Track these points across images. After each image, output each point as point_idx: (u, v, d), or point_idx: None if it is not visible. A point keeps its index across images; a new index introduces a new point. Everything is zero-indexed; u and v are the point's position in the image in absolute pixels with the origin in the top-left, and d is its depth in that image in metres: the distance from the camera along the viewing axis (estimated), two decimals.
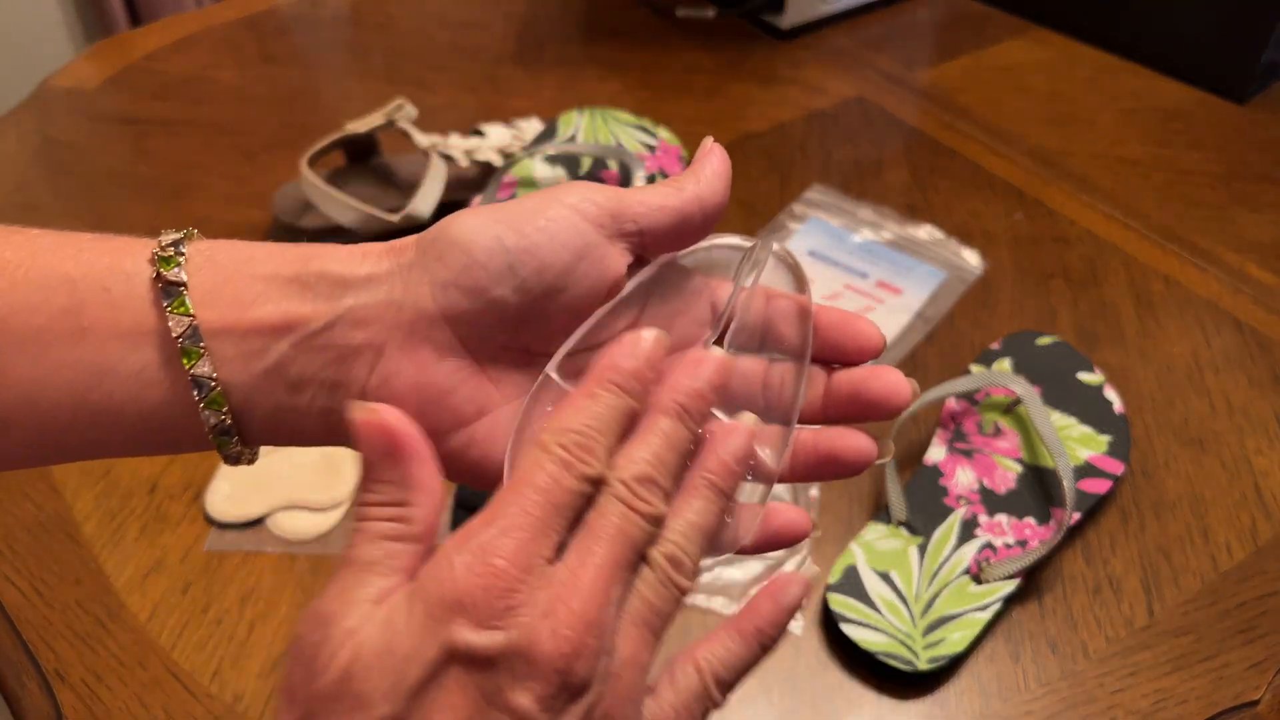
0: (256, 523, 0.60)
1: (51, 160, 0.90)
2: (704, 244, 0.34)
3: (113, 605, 0.56)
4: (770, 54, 1.06)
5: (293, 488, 0.61)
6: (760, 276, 0.34)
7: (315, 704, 0.25)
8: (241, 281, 0.31)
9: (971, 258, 0.79)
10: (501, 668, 0.25)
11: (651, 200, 0.32)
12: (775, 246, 0.35)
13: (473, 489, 0.62)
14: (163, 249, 0.31)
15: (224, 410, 0.31)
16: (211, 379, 0.30)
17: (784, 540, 0.33)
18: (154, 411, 0.31)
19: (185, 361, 0.30)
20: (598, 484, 0.28)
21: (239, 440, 0.32)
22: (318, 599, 0.27)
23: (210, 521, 0.60)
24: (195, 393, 0.30)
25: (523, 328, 0.32)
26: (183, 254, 0.31)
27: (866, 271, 0.78)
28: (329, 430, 0.32)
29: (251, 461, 0.33)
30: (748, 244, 0.35)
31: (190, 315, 0.30)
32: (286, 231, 0.79)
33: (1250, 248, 0.80)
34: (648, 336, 0.30)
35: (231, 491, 0.61)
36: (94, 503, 0.61)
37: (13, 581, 0.57)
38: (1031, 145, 0.91)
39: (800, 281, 0.35)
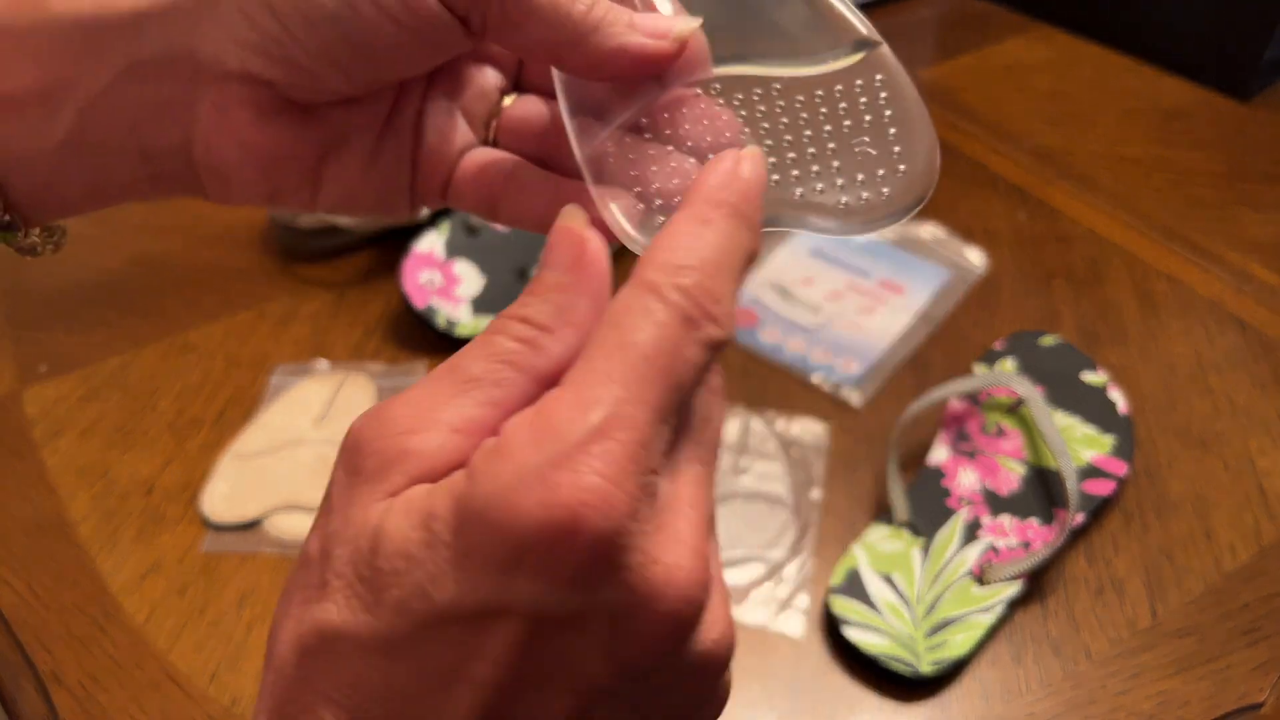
0: (254, 524, 0.60)
1: None
2: None
3: (109, 607, 0.55)
4: None
5: (290, 488, 0.61)
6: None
7: (332, 543, 0.22)
8: None
9: (974, 257, 0.78)
10: (580, 631, 0.20)
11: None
12: None
13: None
14: None
15: None
16: None
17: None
18: None
19: None
20: (718, 350, 0.22)
21: (28, 233, 0.29)
22: (390, 399, 0.22)
23: (207, 523, 0.60)
24: None
25: (354, 87, 0.28)
26: None
27: (869, 270, 0.77)
28: (154, 186, 0.29)
29: (55, 250, 0.30)
30: None
31: None
32: (283, 229, 0.79)
33: (1253, 247, 0.79)
34: (756, 154, 0.25)
35: (229, 492, 0.61)
36: (90, 504, 0.61)
37: (9, 583, 0.56)
38: (1034, 144, 0.91)
39: None
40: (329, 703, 0.21)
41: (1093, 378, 0.65)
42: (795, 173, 0.28)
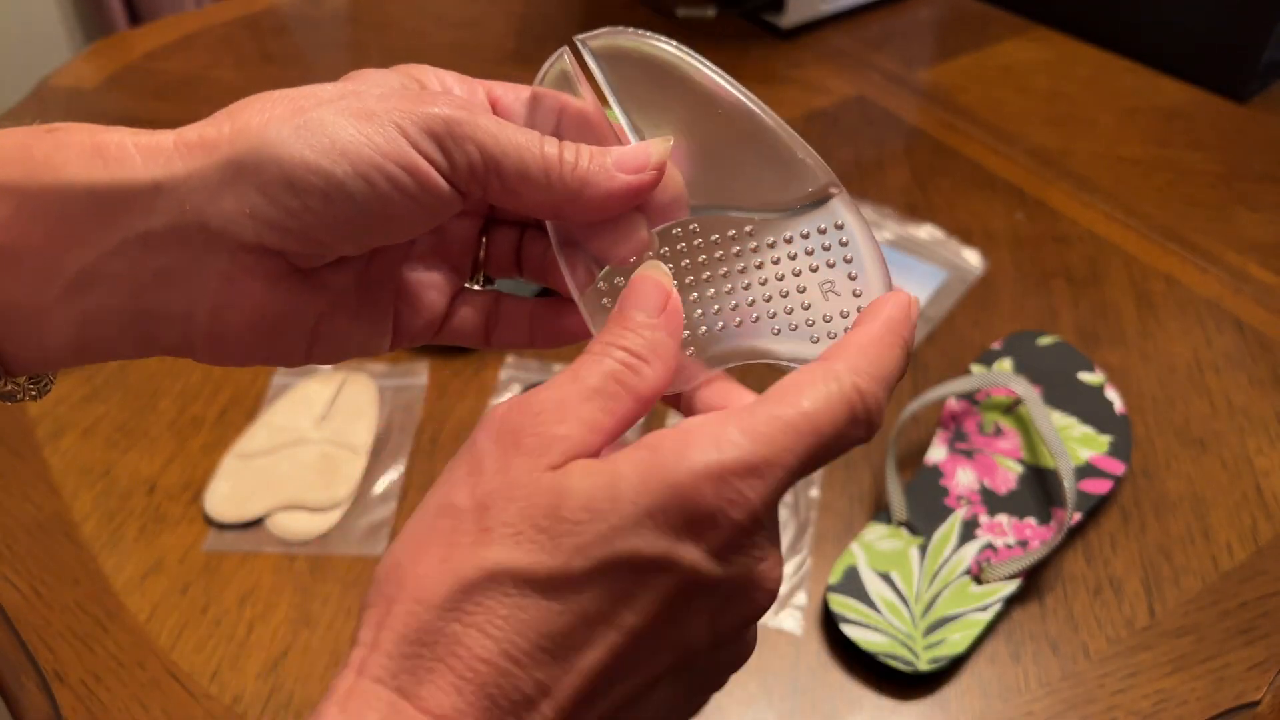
0: (256, 523, 0.60)
1: None
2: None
3: (111, 606, 0.56)
4: (770, 53, 1.05)
5: (292, 488, 0.61)
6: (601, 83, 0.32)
7: (493, 500, 0.24)
8: None
9: (972, 257, 0.78)
10: (709, 597, 0.25)
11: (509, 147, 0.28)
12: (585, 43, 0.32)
13: None
14: None
15: None
16: None
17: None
18: None
19: None
20: (855, 444, 0.27)
21: (9, 381, 0.29)
22: (530, 394, 0.26)
23: (209, 522, 0.60)
24: None
25: (367, 255, 0.31)
26: None
27: None
28: (142, 347, 0.29)
29: (37, 397, 0.30)
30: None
31: None
32: None
33: (1251, 247, 0.79)
34: (916, 301, 0.29)
35: (231, 492, 0.61)
36: (93, 503, 0.61)
37: (12, 582, 0.56)
38: (1032, 145, 0.91)
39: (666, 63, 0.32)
40: (477, 631, 0.23)
41: (1090, 377, 0.65)
42: (770, 310, 0.31)
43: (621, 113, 0.31)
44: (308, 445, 0.64)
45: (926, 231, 0.81)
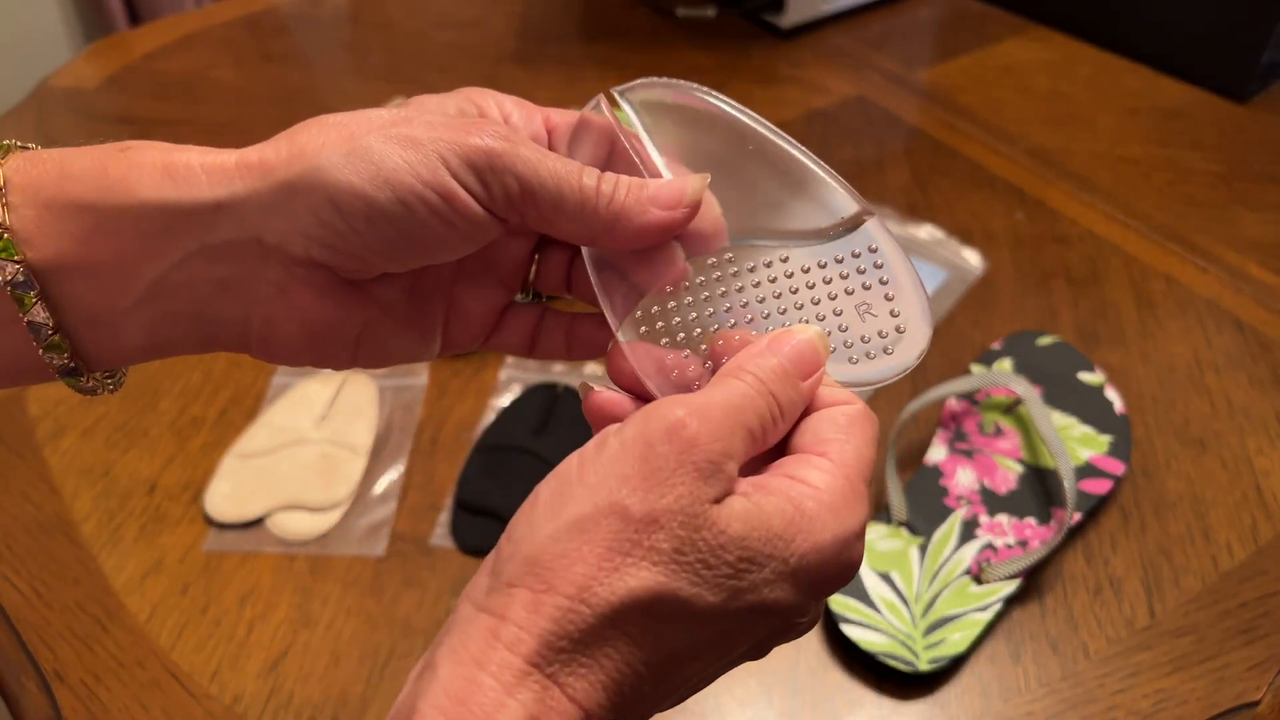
0: (256, 523, 0.60)
1: None
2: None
3: (112, 606, 0.56)
4: (770, 53, 1.05)
5: (292, 488, 0.61)
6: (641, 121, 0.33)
7: (665, 518, 0.25)
8: (68, 215, 0.28)
9: (972, 257, 0.78)
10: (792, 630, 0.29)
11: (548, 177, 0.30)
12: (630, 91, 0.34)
13: (473, 496, 0.61)
14: None
15: (65, 353, 0.30)
16: (48, 325, 0.29)
17: None
18: (4, 352, 0.30)
19: (19, 308, 0.29)
20: None
21: (90, 377, 0.31)
22: (704, 413, 0.27)
23: (209, 522, 0.60)
24: (34, 338, 0.29)
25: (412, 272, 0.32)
26: None
27: None
28: (205, 346, 0.32)
29: (114, 390, 0.33)
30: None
31: (16, 260, 0.28)
32: None
33: (1251, 247, 0.79)
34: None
35: (231, 492, 0.61)
36: (93, 503, 0.61)
37: (12, 582, 0.56)
38: (1032, 145, 0.91)
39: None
40: (628, 639, 0.25)
41: (1090, 377, 0.65)
42: None
43: (657, 154, 0.33)
44: (308, 445, 0.64)
45: (926, 231, 0.81)
